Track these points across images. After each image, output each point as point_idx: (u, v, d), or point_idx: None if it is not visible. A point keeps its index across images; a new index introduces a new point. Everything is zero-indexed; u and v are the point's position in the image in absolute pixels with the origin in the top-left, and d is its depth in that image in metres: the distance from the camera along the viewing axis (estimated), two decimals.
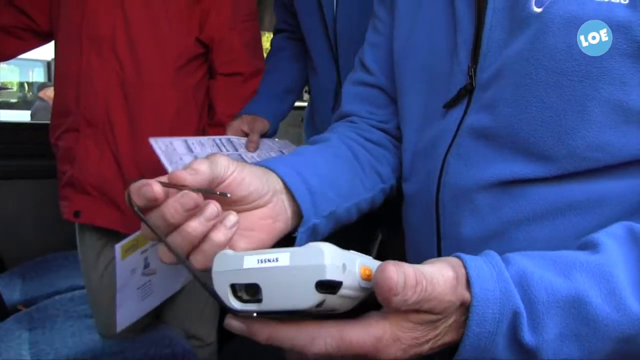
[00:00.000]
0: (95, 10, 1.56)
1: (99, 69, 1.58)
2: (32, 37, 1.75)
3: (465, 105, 0.80)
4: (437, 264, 0.56)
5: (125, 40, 1.56)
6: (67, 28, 1.61)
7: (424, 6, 0.89)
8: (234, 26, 1.66)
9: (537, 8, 0.71)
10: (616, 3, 0.65)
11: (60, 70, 1.66)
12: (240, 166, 0.66)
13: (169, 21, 1.59)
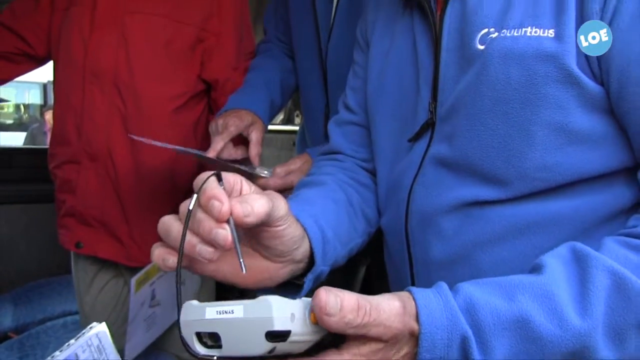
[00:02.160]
0: (99, 45, 1.58)
1: (101, 103, 1.60)
2: (26, 61, 1.77)
3: (428, 138, 0.88)
4: (386, 296, 0.61)
5: (128, 77, 1.58)
6: (68, 60, 1.63)
7: (393, 50, 0.98)
8: (237, 66, 1.68)
9: (480, 46, 0.79)
10: (544, 37, 0.73)
11: (60, 101, 1.68)
12: (290, 220, 0.70)
13: (172, 59, 1.61)
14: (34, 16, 1.70)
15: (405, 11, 0.98)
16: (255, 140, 1.41)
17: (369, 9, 1.11)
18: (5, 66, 1.74)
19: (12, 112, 11.99)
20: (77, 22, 1.61)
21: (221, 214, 0.57)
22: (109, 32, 1.58)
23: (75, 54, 1.60)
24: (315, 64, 1.49)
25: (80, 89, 1.60)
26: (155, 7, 1.59)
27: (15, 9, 1.73)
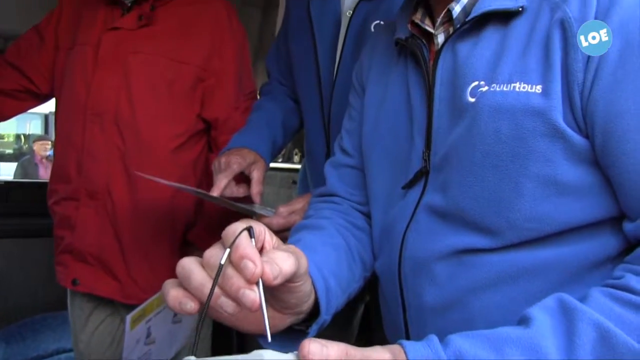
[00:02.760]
0: (101, 86, 1.61)
1: (101, 142, 1.62)
2: (30, 98, 1.81)
3: (422, 186, 0.91)
4: (377, 348, 0.63)
5: (128, 116, 1.61)
6: (70, 98, 1.66)
7: (387, 97, 1.01)
8: (237, 106, 1.71)
9: (471, 98, 0.83)
10: (532, 92, 0.77)
11: (62, 138, 1.71)
12: (306, 277, 0.72)
13: (173, 99, 1.64)
14: (38, 54, 1.74)
15: (399, 58, 1.01)
16: (257, 178, 1.42)
17: (365, 54, 1.15)
18: (8, 103, 1.77)
19: (12, 142, 12.07)
20: (81, 61, 1.64)
21: (254, 276, 0.57)
22: (112, 72, 1.61)
23: (77, 92, 1.64)
24: (317, 110, 1.52)
25: (81, 127, 1.62)
26: (157, 48, 1.62)
27: (21, 47, 1.77)
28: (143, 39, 1.62)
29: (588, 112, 0.74)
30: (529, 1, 0.82)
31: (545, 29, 0.78)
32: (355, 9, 1.40)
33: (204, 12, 1.69)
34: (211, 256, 0.62)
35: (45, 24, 1.77)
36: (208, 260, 0.62)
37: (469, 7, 0.88)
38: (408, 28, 0.96)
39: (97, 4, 1.68)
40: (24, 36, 1.79)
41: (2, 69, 1.74)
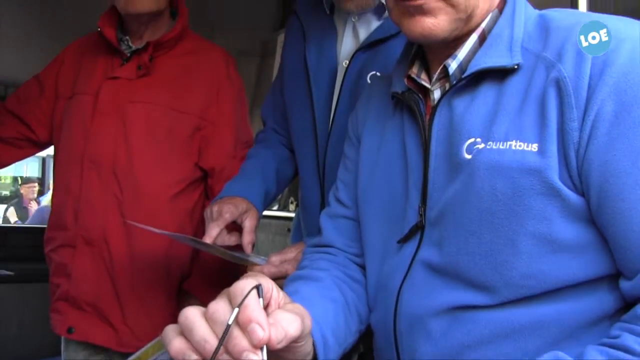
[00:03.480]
0: (98, 134, 1.63)
1: (99, 190, 1.63)
2: (29, 146, 1.83)
3: (417, 241, 0.91)
4: None
5: (126, 165, 1.62)
6: (69, 146, 1.68)
7: (383, 149, 1.02)
8: (235, 155, 1.72)
9: (467, 155, 0.84)
10: (528, 151, 0.78)
11: (59, 186, 1.72)
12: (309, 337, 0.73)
13: (170, 147, 1.66)
14: (38, 103, 1.77)
15: (395, 111, 1.02)
16: (249, 228, 1.42)
17: (361, 105, 1.16)
18: (7, 150, 1.79)
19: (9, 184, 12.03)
20: (80, 110, 1.67)
21: (260, 342, 0.57)
22: (110, 120, 1.63)
23: (76, 140, 1.65)
24: (312, 159, 1.52)
25: (79, 175, 1.64)
26: (155, 97, 1.65)
27: (21, 95, 1.80)
28: (142, 88, 1.65)
29: (583, 170, 0.75)
30: (525, 58, 0.84)
31: (541, 87, 0.79)
32: (351, 59, 1.41)
33: (202, 61, 1.72)
34: (216, 311, 0.61)
35: (46, 74, 1.80)
36: (212, 314, 0.61)
37: (465, 63, 0.89)
38: (404, 82, 0.98)
39: (97, 54, 1.72)
40: (25, 85, 1.83)
41: (2, 117, 1.76)
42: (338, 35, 1.49)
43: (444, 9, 0.85)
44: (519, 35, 0.86)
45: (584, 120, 0.75)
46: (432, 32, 0.86)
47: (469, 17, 0.87)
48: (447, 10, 0.85)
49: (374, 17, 1.41)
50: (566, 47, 0.79)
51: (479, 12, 0.88)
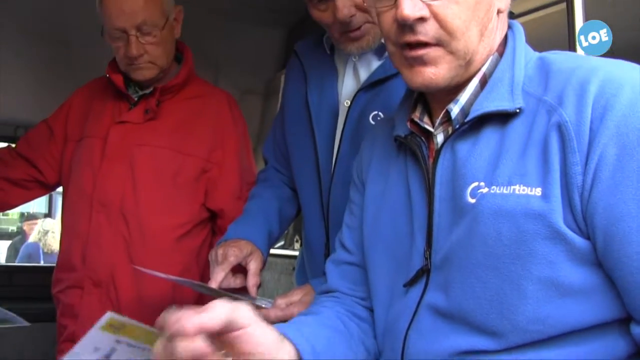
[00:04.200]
0: (107, 177, 1.66)
1: (107, 232, 1.64)
2: (38, 187, 1.85)
3: (423, 285, 0.91)
4: None
5: (133, 207, 1.64)
6: (77, 189, 1.70)
7: (387, 193, 1.03)
8: (240, 195, 1.74)
9: (471, 199, 0.84)
10: (532, 195, 0.78)
11: (68, 228, 1.74)
12: (257, 324, 0.75)
13: (177, 190, 1.68)
14: (47, 146, 1.80)
15: (399, 154, 1.03)
16: (254, 270, 1.41)
17: (365, 148, 1.17)
18: (17, 192, 1.82)
19: (16, 219, 12.04)
20: (88, 153, 1.70)
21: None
22: (118, 164, 1.66)
23: (84, 183, 1.68)
24: (316, 199, 1.52)
25: (87, 217, 1.65)
26: (162, 140, 1.68)
27: (30, 139, 1.84)
28: (149, 131, 1.68)
29: (588, 214, 0.75)
30: (526, 102, 0.85)
31: (543, 131, 0.80)
32: (353, 99, 1.42)
33: (207, 105, 1.76)
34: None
35: (55, 118, 1.84)
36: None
37: (467, 107, 0.90)
38: (407, 125, 0.99)
39: (105, 98, 1.75)
40: (35, 129, 1.86)
41: (12, 159, 1.80)
42: (339, 75, 1.50)
43: (443, 57, 0.87)
44: (519, 79, 0.87)
45: (587, 164, 0.76)
46: (433, 81, 0.88)
47: (469, 62, 0.89)
48: (447, 58, 0.87)
49: (375, 57, 1.43)
50: (567, 91, 0.80)
51: (478, 58, 0.90)
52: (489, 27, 0.90)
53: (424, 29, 0.86)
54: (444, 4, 0.85)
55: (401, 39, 0.88)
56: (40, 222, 7.40)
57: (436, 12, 0.85)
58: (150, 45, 1.61)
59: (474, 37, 0.87)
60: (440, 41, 0.86)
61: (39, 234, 7.00)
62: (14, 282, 2.74)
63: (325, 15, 1.36)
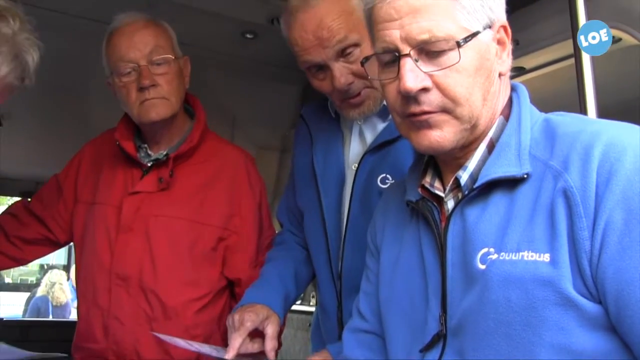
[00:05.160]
0: (124, 250, 1.64)
1: (128, 306, 1.63)
2: (49, 245, 1.86)
3: (440, 350, 0.90)
4: None
5: (152, 282, 1.63)
6: (94, 260, 1.69)
7: (402, 259, 1.03)
8: (257, 263, 1.72)
9: (481, 265, 0.85)
10: (540, 261, 0.79)
11: (86, 298, 1.70)
12: None
13: (195, 261, 1.66)
14: (57, 206, 1.81)
15: (412, 219, 1.04)
16: (271, 334, 1.41)
17: (378, 215, 1.18)
18: (29, 249, 1.83)
19: (36, 271, 12.13)
20: (103, 222, 1.69)
21: None
22: (135, 236, 1.64)
23: (101, 254, 1.67)
24: (326, 264, 1.52)
25: (107, 290, 1.64)
26: (177, 210, 1.66)
27: (42, 196, 1.86)
28: (164, 201, 1.66)
29: (598, 279, 0.75)
30: (533, 166, 0.86)
31: (550, 196, 0.81)
32: (360, 162, 1.43)
33: (223, 168, 1.74)
34: None
35: (65, 175, 1.84)
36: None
37: (476, 173, 0.91)
38: (419, 191, 1.00)
39: (116, 162, 1.74)
40: (46, 186, 1.88)
41: (25, 217, 1.81)
42: (345, 139, 1.52)
43: (448, 121, 0.89)
44: (526, 143, 0.89)
45: (594, 229, 0.76)
46: (439, 144, 0.90)
47: (474, 126, 0.90)
48: (452, 122, 0.89)
49: (379, 120, 1.45)
50: (571, 156, 0.81)
51: (483, 121, 0.92)
52: (491, 91, 0.92)
53: (427, 99, 0.88)
54: (445, 73, 0.87)
55: (407, 111, 0.91)
56: (47, 274, 7.41)
57: (438, 82, 0.88)
58: (162, 76, 1.61)
59: (477, 102, 0.89)
60: (444, 109, 0.88)
61: (46, 286, 7.01)
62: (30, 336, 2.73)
63: (325, 84, 1.39)
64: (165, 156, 1.68)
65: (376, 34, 0.94)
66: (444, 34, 0.87)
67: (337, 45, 1.32)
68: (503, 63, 0.94)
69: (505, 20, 0.95)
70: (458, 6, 0.88)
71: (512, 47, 0.97)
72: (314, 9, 1.32)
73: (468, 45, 0.88)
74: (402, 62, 0.88)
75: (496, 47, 0.93)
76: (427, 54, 0.88)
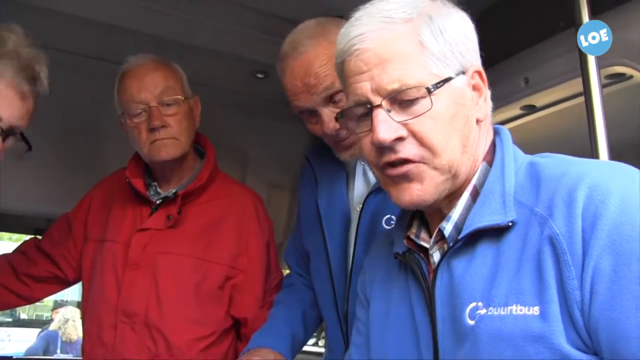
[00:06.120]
0: (131, 287, 1.64)
1: (132, 344, 1.62)
2: (58, 283, 1.87)
3: None
4: None
5: (158, 320, 1.62)
6: (101, 297, 1.69)
7: (392, 313, 1.00)
8: (264, 303, 1.71)
9: (470, 320, 0.81)
10: (530, 315, 0.75)
11: (91, 335, 1.70)
12: None
13: (200, 300, 1.65)
14: (67, 245, 1.82)
15: (400, 271, 1.01)
16: None
17: (367, 267, 1.16)
18: (38, 287, 1.83)
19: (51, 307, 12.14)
20: (111, 259, 1.69)
21: None
22: (141, 273, 1.65)
23: (108, 291, 1.67)
24: (332, 307, 1.49)
25: (113, 326, 1.63)
26: (185, 248, 1.66)
27: (52, 236, 1.87)
28: (171, 238, 1.67)
29: (592, 330, 0.72)
30: (518, 213, 0.83)
31: (536, 245, 0.78)
32: (364, 203, 1.41)
33: (231, 208, 1.75)
34: None
35: (75, 214, 1.86)
36: None
37: (460, 222, 0.88)
38: (404, 243, 0.98)
39: (125, 200, 1.76)
40: (56, 224, 1.89)
41: (35, 255, 1.82)
42: (349, 179, 1.50)
43: (427, 172, 0.87)
44: (510, 189, 0.86)
45: (582, 277, 0.73)
46: (420, 197, 0.88)
47: (454, 175, 0.88)
48: (431, 173, 0.87)
49: None
50: (556, 201, 0.79)
51: (464, 170, 0.89)
52: (471, 138, 0.90)
53: (404, 147, 0.87)
54: (419, 121, 0.86)
55: (382, 160, 0.89)
56: (61, 310, 7.41)
57: (413, 130, 0.86)
58: (172, 117, 1.63)
59: (456, 150, 0.87)
60: (422, 158, 0.87)
61: (59, 321, 7.00)
62: None
63: (317, 128, 1.40)
64: (174, 194, 1.69)
65: (348, 88, 0.93)
66: (415, 82, 0.86)
67: (323, 92, 1.33)
68: (480, 109, 0.92)
69: (480, 66, 0.94)
70: (427, 53, 0.87)
71: (523, 84, 0.95)
72: (301, 56, 1.34)
73: (440, 92, 0.86)
74: (374, 114, 0.88)
75: (472, 93, 0.91)
76: (399, 103, 0.87)
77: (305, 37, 1.36)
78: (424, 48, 0.87)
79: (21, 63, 1.28)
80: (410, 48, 0.87)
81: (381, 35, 0.87)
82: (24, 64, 1.28)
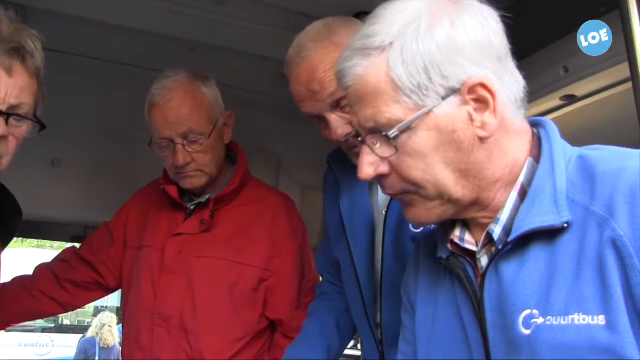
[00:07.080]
0: (166, 291, 1.65)
1: (169, 347, 1.63)
2: (99, 290, 1.89)
3: None
4: None
5: (192, 322, 1.62)
6: (138, 301, 1.71)
7: (439, 319, 0.95)
8: (299, 304, 1.71)
9: (525, 330, 0.75)
10: (594, 325, 0.69)
11: (130, 339, 1.73)
12: None
13: (234, 303, 1.65)
14: (108, 251, 1.84)
15: (446, 276, 0.96)
16: None
17: (410, 271, 1.10)
18: (80, 293, 1.86)
19: (92, 313, 12.42)
20: (148, 264, 1.71)
21: None
22: (177, 277, 1.66)
23: (145, 295, 1.68)
24: (363, 318, 1.44)
25: (149, 330, 1.65)
26: (218, 251, 1.67)
27: (92, 242, 1.89)
28: (205, 242, 1.68)
29: None
30: (573, 212, 0.77)
31: (596, 248, 0.72)
32: (389, 206, 1.34)
33: (263, 211, 1.74)
34: None
35: (116, 223, 1.88)
36: None
37: (509, 224, 0.83)
38: (448, 247, 0.92)
39: (161, 207, 1.78)
40: (96, 233, 1.92)
41: (76, 262, 1.85)
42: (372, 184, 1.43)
43: (417, 199, 0.86)
44: (562, 186, 0.80)
45: None
46: (418, 220, 0.89)
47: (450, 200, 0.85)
48: (420, 200, 0.86)
49: None
50: (616, 199, 0.73)
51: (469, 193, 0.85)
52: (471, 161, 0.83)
53: (388, 183, 0.87)
54: (398, 157, 0.84)
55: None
56: (99, 316, 7.56)
57: (394, 165, 0.85)
58: (197, 153, 1.63)
59: (446, 179, 0.83)
60: (408, 191, 0.86)
61: (96, 327, 7.13)
62: None
63: (327, 133, 1.35)
64: (207, 199, 1.70)
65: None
66: (386, 120, 0.82)
67: (329, 99, 1.28)
68: (485, 125, 0.82)
69: (483, 77, 0.81)
70: (399, 89, 0.82)
71: (562, 74, 0.89)
72: (305, 61, 1.29)
73: (418, 125, 0.81)
74: (362, 147, 0.88)
75: (470, 110, 0.82)
76: (383, 138, 0.84)
77: (309, 41, 1.31)
78: (395, 84, 0.82)
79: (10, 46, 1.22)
80: (382, 85, 0.83)
81: (356, 73, 0.85)
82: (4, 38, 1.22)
